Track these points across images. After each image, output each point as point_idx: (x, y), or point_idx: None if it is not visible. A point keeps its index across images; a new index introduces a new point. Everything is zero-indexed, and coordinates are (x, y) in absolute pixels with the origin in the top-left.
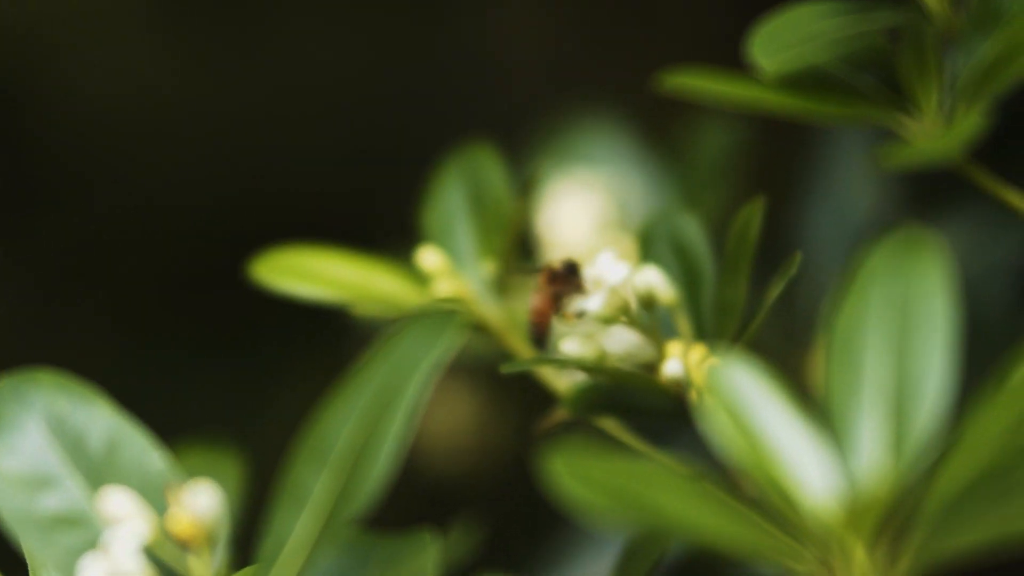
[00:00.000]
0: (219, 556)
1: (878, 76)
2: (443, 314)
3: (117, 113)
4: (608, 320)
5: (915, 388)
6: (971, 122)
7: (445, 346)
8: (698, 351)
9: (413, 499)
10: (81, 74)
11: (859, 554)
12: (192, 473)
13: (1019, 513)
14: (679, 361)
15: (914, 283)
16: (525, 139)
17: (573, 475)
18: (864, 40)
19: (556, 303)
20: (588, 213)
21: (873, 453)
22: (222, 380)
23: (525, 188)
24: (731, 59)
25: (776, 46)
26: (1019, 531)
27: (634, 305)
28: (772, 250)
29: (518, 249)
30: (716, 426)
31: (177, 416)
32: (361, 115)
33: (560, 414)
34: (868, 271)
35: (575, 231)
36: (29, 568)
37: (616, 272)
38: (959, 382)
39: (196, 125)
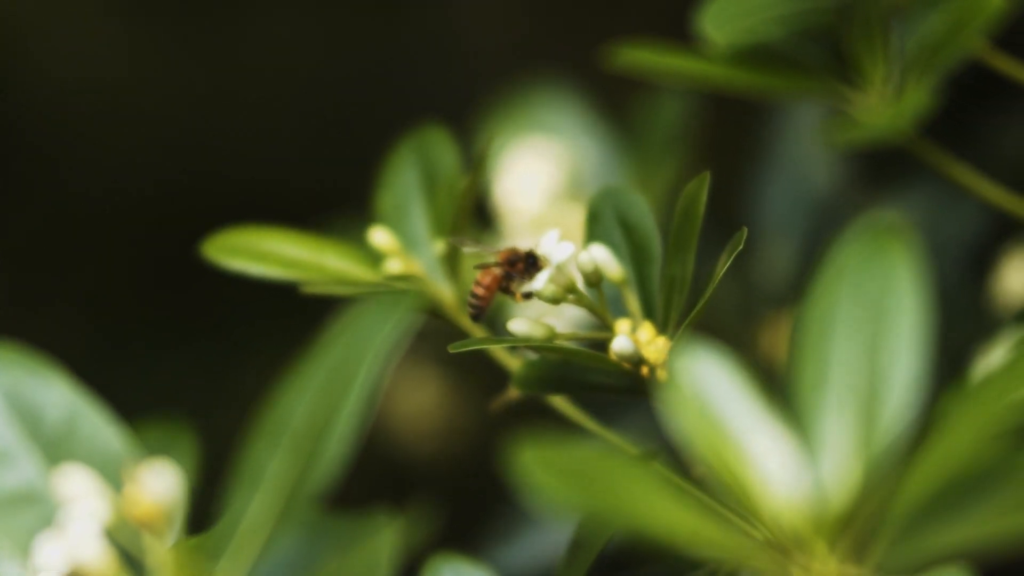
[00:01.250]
0: (175, 536)
1: (826, 51)
2: (395, 293)
3: (82, 98)
4: (555, 300)
5: (885, 388)
6: (918, 97)
7: (398, 324)
8: (647, 328)
9: (379, 481)
10: (47, 59)
11: (821, 556)
12: (149, 450)
13: (987, 518)
14: (627, 339)
15: (886, 279)
16: (481, 108)
17: (542, 466)
18: (813, 16)
19: (504, 284)
20: (543, 182)
21: (840, 454)
22: (190, 364)
23: (474, 164)
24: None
25: (726, 19)
26: (987, 535)
27: (581, 284)
28: (726, 223)
29: (470, 226)
30: (681, 421)
31: (145, 400)
32: (324, 97)
33: (512, 393)
34: (838, 264)
35: (529, 200)
36: None
37: (561, 251)
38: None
39: (161, 110)
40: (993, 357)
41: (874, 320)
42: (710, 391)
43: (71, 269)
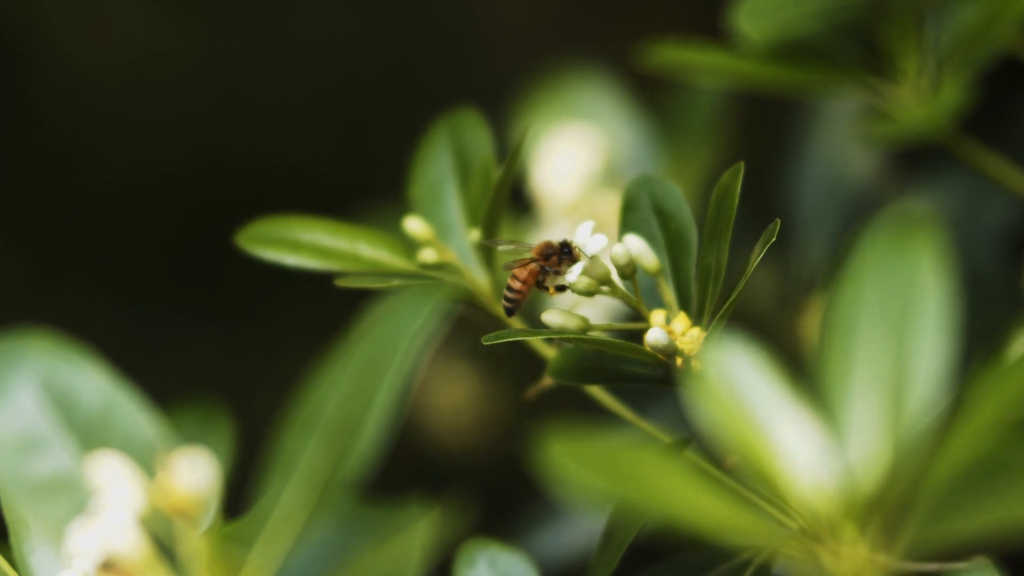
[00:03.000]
0: (209, 524)
1: (859, 46)
2: (429, 285)
3: (108, 85)
4: (589, 292)
5: (911, 376)
6: (954, 93)
7: (431, 316)
8: (681, 319)
9: (413, 472)
10: (72, 46)
11: (850, 539)
12: (184, 437)
13: (1011, 502)
14: (662, 330)
15: (912, 270)
16: (516, 94)
17: (571, 458)
18: (847, 11)
19: (541, 278)
20: (579, 168)
21: (867, 440)
22: (221, 349)
23: (510, 155)
24: (719, 19)
25: (760, 14)
26: (1013, 519)
27: (615, 275)
28: (761, 213)
29: (505, 214)
30: (709, 411)
31: (174, 383)
32: (350, 86)
33: (546, 382)
34: (865, 256)
35: (566, 186)
36: (11, 532)
37: (595, 243)
38: (956, 365)
39: (187, 97)
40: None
41: (900, 309)
42: (738, 381)
43: (98, 255)
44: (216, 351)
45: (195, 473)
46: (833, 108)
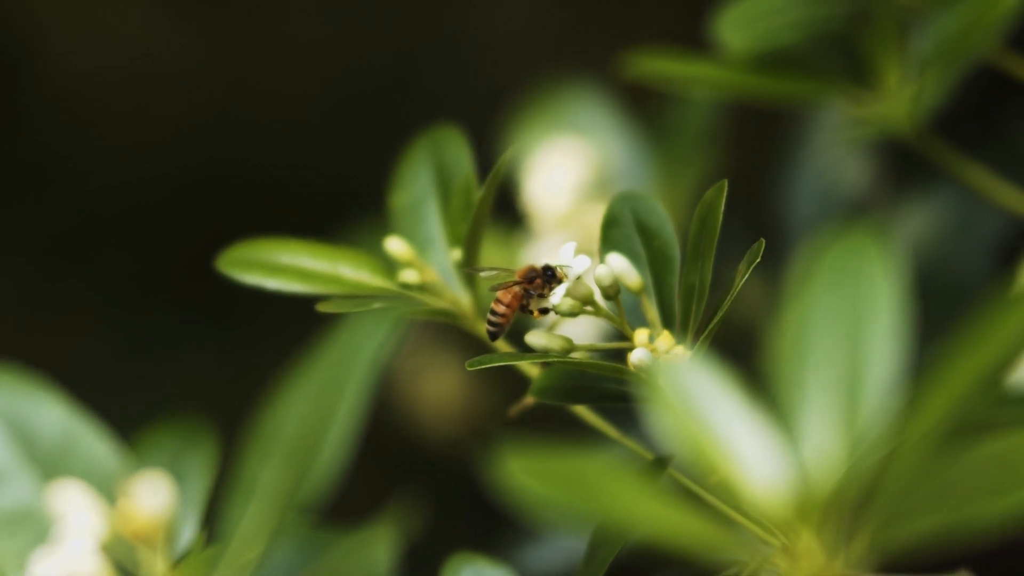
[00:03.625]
0: (179, 546)
1: (841, 55)
2: (385, 308)
3: (104, 91)
4: (572, 313)
5: (865, 379)
6: (930, 92)
7: (389, 335)
8: (665, 338)
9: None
10: (68, 52)
11: (807, 541)
12: (167, 454)
13: (962, 503)
14: (646, 351)
15: (864, 277)
16: (509, 106)
17: (526, 472)
18: (829, 22)
19: (524, 301)
20: (570, 181)
21: (821, 441)
22: (216, 351)
23: (491, 175)
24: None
25: (744, 24)
26: (964, 520)
27: (599, 295)
28: (754, 226)
29: (497, 228)
30: (665, 421)
31: (171, 388)
32: (347, 92)
33: (529, 400)
34: (818, 264)
35: (557, 199)
36: None
37: (578, 265)
38: (915, 368)
39: (183, 102)
40: None
41: (853, 315)
42: (691, 389)
43: (95, 260)
44: (213, 356)
45: (155, 497)
46: (825, 121)
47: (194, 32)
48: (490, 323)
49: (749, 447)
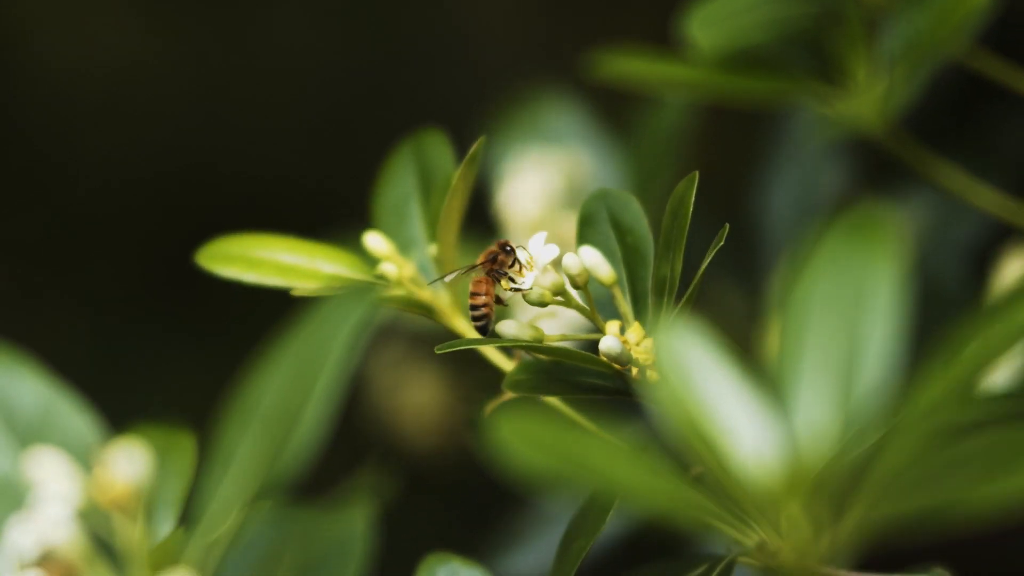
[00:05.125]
0: (157, 521)
1: (810, 54)
2: (361, 287)
3: (87, 95)
4: (542, 301)
5: (862, 358)
6: (898, 89)
7: (367, 311)
8: (635, 330)
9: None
10: (52, 56)
11: (794, 515)
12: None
13: (963, 484)
14: (615, 339)
15: (867, 259)
16: (483, 115)
17: (520, 439)
18: (798, 20)
19: (496, 281)
20: (543, 189)
21: (815, 417)
22: (201, 355)
23: (463, 165)
24: None
25: (712, 22)
26: (965, 500)
27: (569, 285)
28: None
29: (469, 234)
30: (658, 393)
31: (156, 393)
32: (330, 97)
33: (505, 396)
34: (823, 245)
35: (530, 206)
36: None
37: (547, 253)
38: (909, 354)
39: (167, 107)
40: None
41: (853, 296)
42: (686, 359)
43: (77, 265)
44: (197, 360)
45: (131, 466)
46: (803, 125)
47: (177, 38)
48: (474, 318)
49: (740, 418)
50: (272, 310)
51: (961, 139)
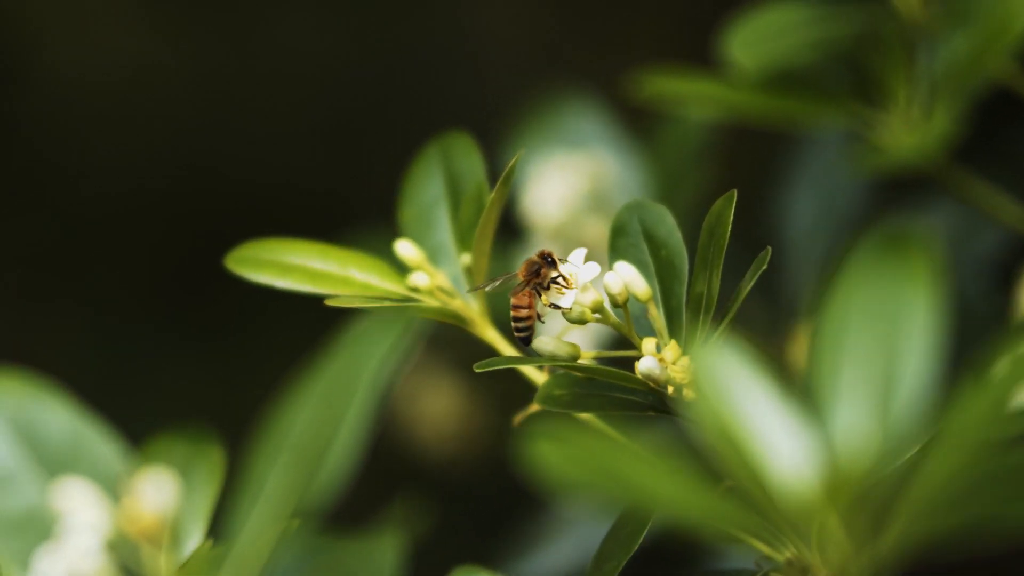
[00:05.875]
0: (184, 547)
1: (849, 75)
2: (395, 310)
3: (95, 101)
4: (581, 319)
5: (900, 375)
6: (944, 123)
7: (400, 337)
8: (672, 348)
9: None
10: (59, 63)
11: (834, 529)
12: (173, 463)
13: (1006, 498)
14: (654, 359)
15: (904, 277)
16: (506, 120)
17: (558, 454)
18: (840, 42)
19: (538, 293)
20: (567, 195)
21: (854, 433)
22: (207, 362)
23: (501, 180)
24: (709, 43)
25: (754, 43)
26: (1005, 515)
27: (607, 302)
28: (750, 240)
29: (496, 238)
30: (695, 407)
31: (161, 399)
32: (336, 101)
33: (534, 408)
34: (859, 263)
35: (554, 212)
36: None
37: (588, 272)
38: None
39: (173, 113)
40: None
41: (891, 313)
42: (727, 382)
43: (83, 271)
44: (204, 366)
45: (159, 496)
46: (822, 135)
47: (184, 43)
48: (517, 330)
49: (777, 431)
50: (279, 316)
51: (984, 151)
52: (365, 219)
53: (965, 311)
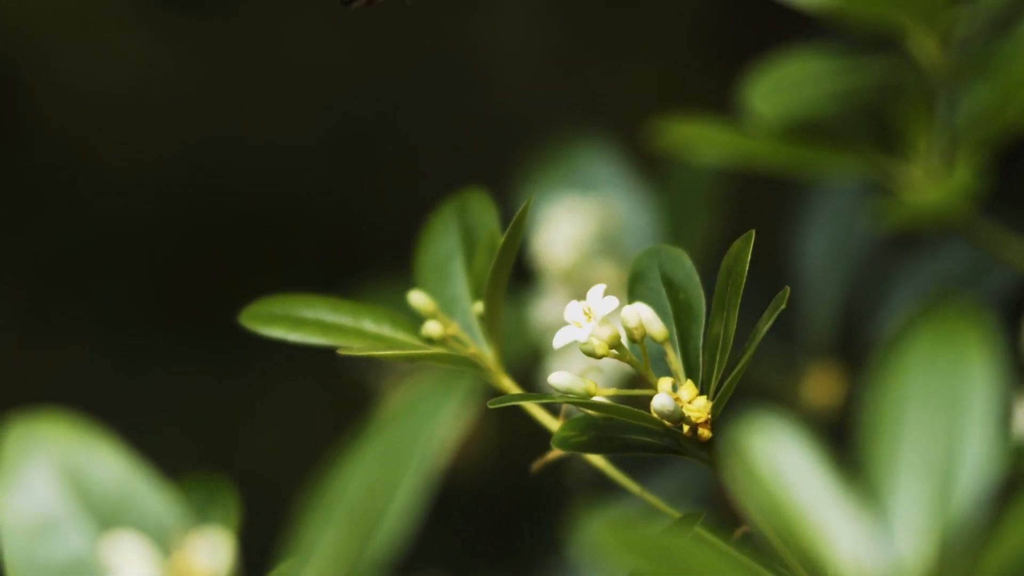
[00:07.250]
0: None
1: (870, 124)
2: (456, 371)
3: (101, 113)
4: (598, 354)
5: (960, 463)
6: (967, 175)
7: (459, 403)
8: (688, 387)
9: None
10: (65, 74)
11: None
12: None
13: None
14: (668, 396)
15: (961, 359)
16: (516, 162)
17: (619, 541)
18: (864, 93)
19: None
20: (578, 238)
21: (914, 526)
22: (214, 375)
23: (511, 226)
24: (716, 63)
25: (775, 93)
26: None
27: (624, 340)
28: (764, 276)
29: (510, 284)
30: (751, 498)
31: (168, 413)
32: (344, 113)
33: (553, 453)
34: (912, 342)
35: (564, 255)
36: None
37: (605, 305)
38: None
39: (181, 125)
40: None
41: (948, 400)
42: (780, 464)
43: (90, 284)
44: (211, 380)
45: (213, 554)
46: (838, 183)
47: (191, 55)
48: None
49: (838, 523)
50: None
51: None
52: (372, 231)
53: None
